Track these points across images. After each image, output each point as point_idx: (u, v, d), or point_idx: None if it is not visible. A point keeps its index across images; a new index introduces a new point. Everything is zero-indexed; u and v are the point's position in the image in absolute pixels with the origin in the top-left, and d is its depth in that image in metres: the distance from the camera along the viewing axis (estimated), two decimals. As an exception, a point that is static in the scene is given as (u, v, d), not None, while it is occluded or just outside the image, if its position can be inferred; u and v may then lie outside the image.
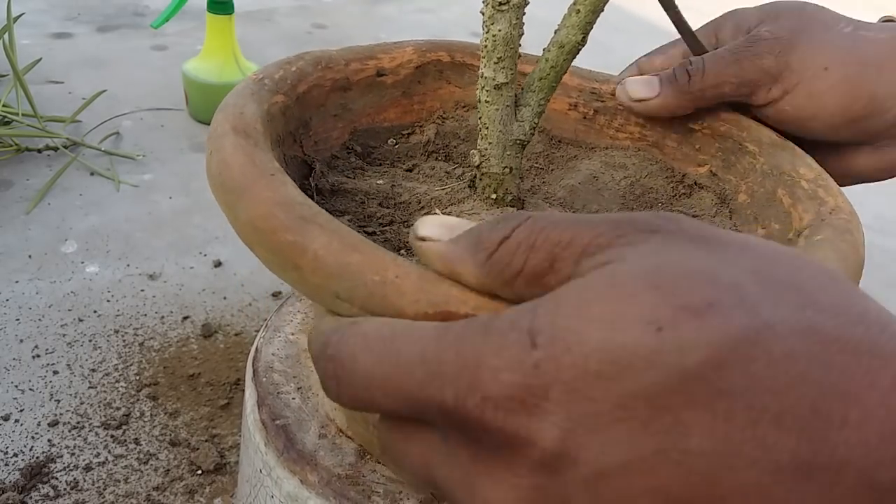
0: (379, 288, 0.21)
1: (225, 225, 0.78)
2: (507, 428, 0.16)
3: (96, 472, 0.51)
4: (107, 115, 0.92)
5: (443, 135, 0.38)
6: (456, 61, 0.39)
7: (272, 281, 0.71)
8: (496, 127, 0.31)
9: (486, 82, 0.30)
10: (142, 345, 0.62)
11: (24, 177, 0.80)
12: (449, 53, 0.39)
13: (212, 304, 0.68)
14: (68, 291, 0.67)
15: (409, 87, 0.38)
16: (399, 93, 0.37)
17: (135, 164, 0.86)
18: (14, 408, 0.55)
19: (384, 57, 0.36)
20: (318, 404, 0.37)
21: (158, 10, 1.18)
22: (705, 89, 0.37)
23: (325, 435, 0.36)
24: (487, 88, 0.30)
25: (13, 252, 0.70)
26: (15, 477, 0.50)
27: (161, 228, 0.76)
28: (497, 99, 0.30)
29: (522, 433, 0.16)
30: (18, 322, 0.63)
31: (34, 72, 0.95)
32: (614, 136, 0.41)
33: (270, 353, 0.40)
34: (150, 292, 0.68)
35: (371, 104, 0.36)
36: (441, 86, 0.39)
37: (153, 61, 1.09)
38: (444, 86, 0.39)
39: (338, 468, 0.34)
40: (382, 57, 0.36)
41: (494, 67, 0.30)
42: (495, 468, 0.17)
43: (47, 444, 0.53)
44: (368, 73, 0.36)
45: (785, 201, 0.34)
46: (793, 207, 0.33)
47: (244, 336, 0.65)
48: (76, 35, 1.15)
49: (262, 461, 0.36)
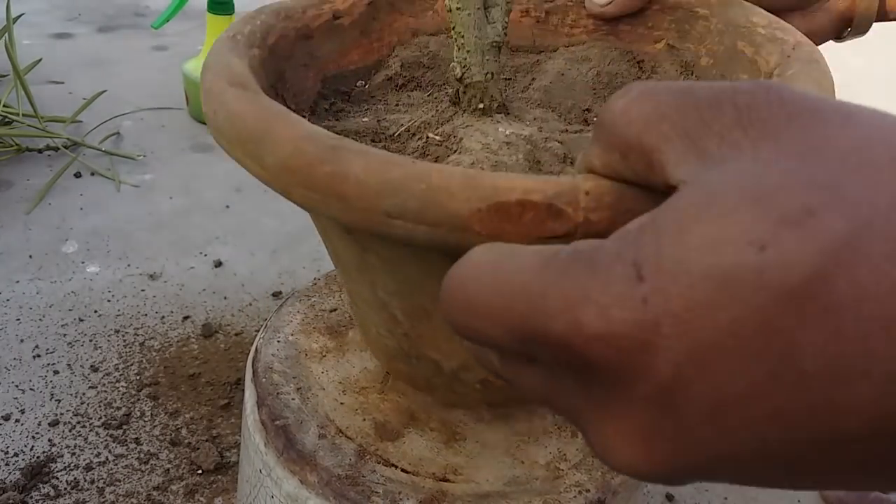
0: (428, 195, 0.21)
1: (225, 225, 0.78)
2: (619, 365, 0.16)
3: (97, 472, 0.51)
4: (107, 115, 0.92)
5: (407, 66, 0.39)
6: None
7: (272, 281, 0.72)
8: (471, 33, 0.31)
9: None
10: (142, 345, 0.62)
11: (25, 177, 0.81)
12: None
13: (212, 304, 0.68)
14: (69, 291, 0.67)
15: (366, 25, 0.38)
16: (357, 33, 0.38)
17: (135, 164, 0.86)
18: (14, 407, 0.55)
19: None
20: (318, 405, 0.37)
21: (159, 10, 1.18)
22: None
23: (325, 435, 0.36)
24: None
25: (14, 252, 0.70)
26: (15, 477, 0.50)
27: (161, 228, 0.77)
28: (468, 4, 0.30)
29: (635, 369, 0.16)
30: (19, 322, 0.63)
31: (35, 72, 0.95)
32: (570, 34, 0.42)
33: (270, 353, 0.40)
34: (151, 292, 0.68)
35: (334, 49, 0.37)
36: (395, 18, 0.39)
37: (153, 61, 1.09)
38: (398, 17, 0.40)
39: (337, 468, 0.34)
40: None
41: None
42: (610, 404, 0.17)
43: (48, 444, 0.53)
44: (326, 18, 0.36)
45: (747, 51, 0.35)
46: (756, 54, 0.34)
47: (244, 336, 0.65)
48: (77, 35, 1.15)
49: (262, 461, 0.36)
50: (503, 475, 0.35)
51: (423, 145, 0.32)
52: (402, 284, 0.29)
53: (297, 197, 0.24)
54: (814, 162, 0.16)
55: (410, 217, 0.22)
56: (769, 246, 0.15)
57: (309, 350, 0.41)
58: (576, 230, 0.21)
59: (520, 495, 0.34)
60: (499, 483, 0.35)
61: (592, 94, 0.38)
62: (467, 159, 0.29)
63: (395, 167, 0.22)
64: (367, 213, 0.22)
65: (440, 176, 0.22)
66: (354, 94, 0.37)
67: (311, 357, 0.40)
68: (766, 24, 0.35)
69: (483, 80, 0.32)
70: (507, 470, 0.35)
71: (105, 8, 1.26)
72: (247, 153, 0.25)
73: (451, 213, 0.21)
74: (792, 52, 0.32)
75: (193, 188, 0.83)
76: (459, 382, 0.33)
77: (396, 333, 0.32)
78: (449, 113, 0.33)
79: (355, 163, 0.22)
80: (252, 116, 0.25)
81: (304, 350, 0.40)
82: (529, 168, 0.30)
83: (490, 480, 0.35)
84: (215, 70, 0.28)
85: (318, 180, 0.23)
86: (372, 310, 0.32)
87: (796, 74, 0.30)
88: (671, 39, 0.39)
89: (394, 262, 0.28)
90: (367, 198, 0.22)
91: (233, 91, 0.26)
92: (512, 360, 0.20)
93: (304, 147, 0.23)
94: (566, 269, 0.17)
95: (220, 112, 0.26)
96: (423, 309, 0.29)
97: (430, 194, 0.21)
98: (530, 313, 0.17)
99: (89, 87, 0.97)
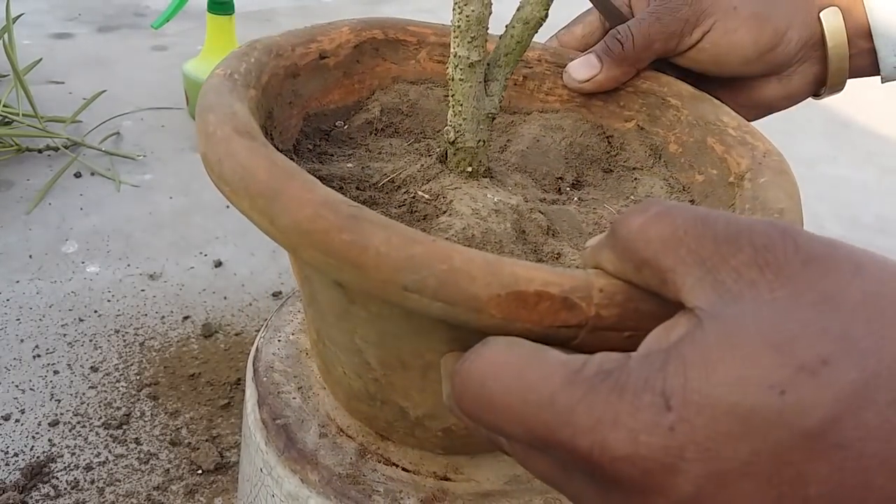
0: (449, 276, 0.22)
1: (225, 225, 0.78)
2: (642, 482, 0.18)
3: (97, 472, 0.51)
4: (107, 115, 0.92)
5: (387, 111, 0.39)
6: (390, 38, 0.40)
7: (272, 281, 0.72)
8: (470, 103, 0.32)
9: (459, 61, 0.31)
10: (142, 345, 0.62)
11: (25, 177, 0.80)
12: (383, 31, 0.40)
13: (212, 303, 0.68)
14: (69, 291, 0.67)
15: (350, 67, 0.39)
16: (341, 73, 0.38)
17: (135, 164, 0.86)
18: (14, 408, 0.55)
19: (324, 39, 0.37)
20: (319, 404, 0.37)
21: (159, 10, 1.18)
22: (639, 52, 0.41)
23: (326, 434, 0.36)
24: (461, 67, 0.31)
25: (14, 252, 0.70)
26: (15, 477, 0.50)
27: (161, 228, 0.77)
28: (471, 76, 0.32)
29: (658, 486, 0.18)
30: (19, 322, 0.63)
31: (35, 72, 0.95)
32: (544, 100, 0.43)
33: (271, 352, 0.40)
34: (151, 292, 0.68)
35: (318, 88, 0.37)
36: (378, 63, 0.40)
37: (153, 61, 1.09)
38: (381, 63, 0.40)
39: (338, 467, 0.34)
40: (322, 39, 0.37)
41: (468, 46, 0.31)
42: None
43: (48, 444, 0.53)
44: (312, 57, 0.36)
45: (717, 148, 0.37)
46: (727, 153, 0.36)
47: (244, 336, 0.65)
48: (76, 35, 1.15)
49: (263, 460, 0.36)
50: (504, 474, 0.35)
51: (411, 200, 0.32)
52: (386, 336, 0.29)
53: (307, 257, 0.24)
54: (828, 312, 0.18)
55: (428, 293, 0.22)
56: (788, 391, 0.17)
57: (309, 349, 0.41)
58: (586, 322, 0.22)
59: (520, 494, 0.34)
60: (499, 482, 0.35)
61: (565, 162, 0.39)
62: (458, 223, 0.30)
63: (417, 244, 0.22)
64: (383, 284, 0.23)
65: (461, 258, 0.22)
66: (334, 134, 0.38)
67: (312, 356, 0.40)
68: (736, 126, 0.37)
69: (475, 146, 0.33)
70: (508, 469, 0.36)
71: (105, 8, 1.26)
72: (255, 207, 0.25)
73: (470, 295, 0.22)
74: (763, 159, 0.34)
75: (193, 188, 0.83)
76: (422, 428, 0.33)
77: (365, 378, 0.32)
78: (435, 170, 0.34)
79: (377, 235, 0.22)
80: (264, 173, 0.25)
81: (305, 349, 0.40)
82: (517, 237, 0.31)
83: (490, 479, 0.35)
84: (219, 114, 0.28)
85: (334, 247, 0.23)
86: (342, 352, 0.32)
87: (768, 183, 0.33)
88: (641, 121, 0.41)
89: (383, 317, 0.28)
90: (386, 271, 0.22)
91: (241, 141, 0.26)
92: (524, 447, 0.22)
93: (323, 213, 0.23)
94: (594, 388, 0.19)
95: (228, 162, 0.26)
96: (401, 360, 0.30)
97: (451, 275, 0.22)
98: (556, 426, 0.19)
99: (89, 87, 0.97)
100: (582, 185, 0.39)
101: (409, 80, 0.41)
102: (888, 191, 1.08)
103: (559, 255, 0.31)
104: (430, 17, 0.43)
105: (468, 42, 0.31)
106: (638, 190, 0.38)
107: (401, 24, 0.41)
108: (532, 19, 0.32)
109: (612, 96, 0.42)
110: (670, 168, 0.39)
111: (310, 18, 1.30)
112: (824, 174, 1.09)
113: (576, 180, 0.39)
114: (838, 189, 1.06)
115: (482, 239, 0.29)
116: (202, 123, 0.28)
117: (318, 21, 0.40)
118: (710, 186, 0.36)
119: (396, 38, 0.40)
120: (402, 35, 0.40)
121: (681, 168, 0.39)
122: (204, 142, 0.27)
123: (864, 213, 1.01)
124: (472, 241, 0.29)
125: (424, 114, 0.40)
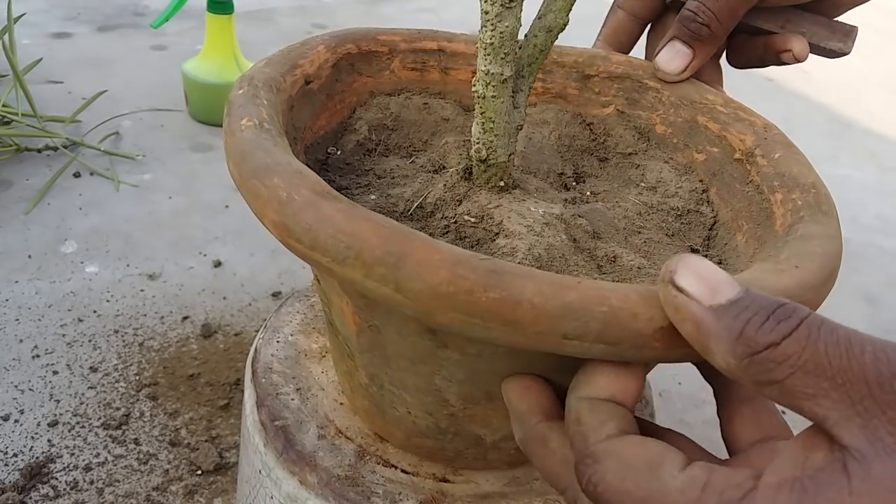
0: (611, 317, 0.22)
1: (225, 225, 0.78)
2: None
3: (96, 473, 0.51)
4: (106, 115, 0.92)
5: (373, 129, 0.39)
6: (363, 51, 0.40)
7: (272, 281, 0.71)
8: (502, 118, 0.31)
9: (491, 78, 0.30)
10: (141, 345, 0.62)
11: (24, 177, 0.80)
12: (356, 45, 0.39)
13: (211, 304, 0.68)
14: (68, 291, 0.67)
15: (331, 87, 0.38)
16: (324, 96, 0.37)
17: (135, 164, 0.86)
18: (14, 408, 0.55)
19: (304, 62, 0.35)
20: (318, 405, 0.37)
21: (158, 10, 1.18)
22: (726, 26, 0.40)
23: (325, 436, 0.36)
24: (494, 84, 0.30)
25: (13, 252, 0.70)
26: (15, 477, 0.50)
27: (161, 228, 0.76)
28: (502, 92, 0.31)
29: None
30: (18, 322, 0.63)
31: (34, 72, 0.95)
32: None
33: (269, 353, 0.40)
34: (150, 292, 0.68)
35: (308, 116, 0.36)
36: (354, 79, 0.39)
37: (153, 61, 1.09)
38: (357, 78, 0.40)
39: (337, 469, 0.34)
40: (303, 62, 0.35)
41: (501, 63, 0.30)
42: None
43: (47, 445, 0.53)
44: (300, 84, 0.35)
45: (712, 126, 0.37)
46: (724, 131, 0.37)
47: (244, 336, 0.65)
48: (76, 35, 1.15)
49: (262, 462, 0.36)
50: (503, 475, 0.35)
51: (455, 226, 0.31)
52: (476, 374, 0.28)
53: (446, 321, 0.23)
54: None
55: (590, 338, 0.22)
56: None
57: (308, 350, 0.40)
58: None
59: (520, 495, 0.34)
60: (499, 483, 0.35)
61: (560, 157, 0.39)
62: (521, 244, 0.29)
63: (570, 290, 0.22)
64: (541, 336, 0.22)
65: (617, 297, 0.22)
66: (331, 163, 0.36)
67: (311, 357, 0.40)
68: (724, 103, 0.37)
69: (506, 160, 0.32)
70: (507, 470, 0.35)
71: (104, 7, 1.26)
72: (372, 276, 0.23)
73: (635, 332, 0.22)
74: (766, 133, 0.35)
75: (193, 188, 0.83)
76: (497, 451, 0.33)
77: (438, 415, 0.31)
78: (461, 188, 0.33)
79: (527, 288, 0.22)
80: (375, 237, 0.23)
81: (304, 350, 0.40)
82: (573, 248, 0.30)
83: (490, 480, 0.35)
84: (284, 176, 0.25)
85: (480, 307, 0.22)
86: (410, 394, 0.31)
87: (784, 159, 0.33)
88: (620, 105, 0.41)
89: (482, 357, 0.27)
90: (544, 322, 0.22)
91: (330, 205, 0.24)
92: None
93: (462, 273, 0.22)
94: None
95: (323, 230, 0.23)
96: (488, 393, 0.29)
97: (613, 316, 0.22)
98: None
99: (88, 86, 0.97)
100: (583, 178, 0.38)
101: (385, 93, 0.40)
102: (888, 191, 1.08)
103: (615, 258, 0.30)
104: (431, 17, 0.43)
105: (501, 58, 0.30)
106: (647, 176, 0.38)
107: (371, 34, 0.40)
108: (556, 27, 0.32)
109: (586, 84, 0.42)
110: (664, 149, 0.39)
111: (309, 18, 1.30)
112: (825, 174, 1.08)
113: (575, 173, 0.38)
114: (839, 189, 1.05)
115: (548, 256, 0.29)
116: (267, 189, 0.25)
117: (318, 21, 0.40)
118: (716, 164, 0.37)
119: (369, 49, 0.39)
120: (373, 46, 0.40)
121: (675, 148, 0.39)
122: (278, 210, 0.24)
123: (865, 213, 1.01)
124: (540, 260, 0.29)
125: (409, 126, 0.39)
